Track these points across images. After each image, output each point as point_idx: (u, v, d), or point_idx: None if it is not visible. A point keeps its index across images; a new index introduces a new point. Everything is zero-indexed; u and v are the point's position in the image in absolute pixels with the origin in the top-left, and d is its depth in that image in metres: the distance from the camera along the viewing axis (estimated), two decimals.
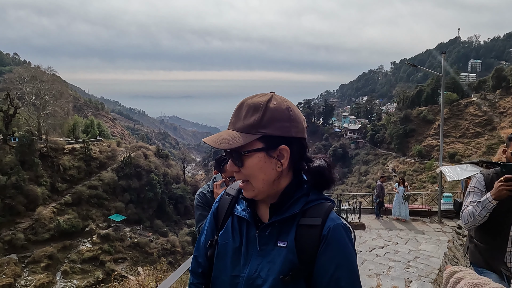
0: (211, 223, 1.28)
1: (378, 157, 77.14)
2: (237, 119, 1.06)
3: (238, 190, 1.23)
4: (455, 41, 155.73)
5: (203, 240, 1.28)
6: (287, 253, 1.06)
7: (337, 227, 1.05)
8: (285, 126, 1.05)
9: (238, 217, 1.18)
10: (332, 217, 1.07)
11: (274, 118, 1.04)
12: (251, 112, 1.04)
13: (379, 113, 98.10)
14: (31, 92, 40.85)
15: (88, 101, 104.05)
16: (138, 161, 45.32)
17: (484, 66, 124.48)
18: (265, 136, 1.03)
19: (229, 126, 1.08)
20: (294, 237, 1.06)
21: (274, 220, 1.09)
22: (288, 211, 1.09)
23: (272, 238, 1.10)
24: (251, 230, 1.14)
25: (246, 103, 1.06)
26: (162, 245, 38.77)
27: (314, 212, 1.08)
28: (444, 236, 10.47)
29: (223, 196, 1.28)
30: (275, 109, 1.04)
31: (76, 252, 33.81)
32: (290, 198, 1.10)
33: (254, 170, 1.05)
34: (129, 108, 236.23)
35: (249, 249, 1.12)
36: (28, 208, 34.32)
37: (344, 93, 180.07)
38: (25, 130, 37.66)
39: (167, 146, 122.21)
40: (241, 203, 1.21)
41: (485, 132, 64.45)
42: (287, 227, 1.09)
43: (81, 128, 49.14)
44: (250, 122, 1.03)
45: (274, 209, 1.10)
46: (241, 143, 1.01)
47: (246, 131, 1.03)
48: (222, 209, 1.24)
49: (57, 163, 39.30)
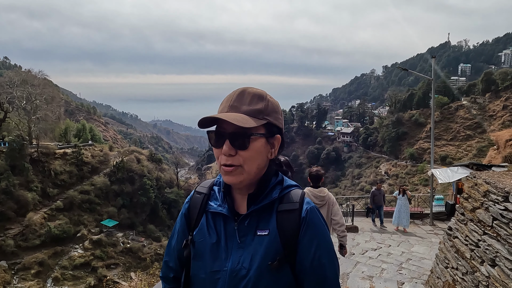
0: (183, 224, 1.28)
1: (371, 160, 77.69)
2: (240, 103, 1.09)
3: (209, 188, 1.27)
4: (445, 46, 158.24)
5: (174, 243, 1.29)
6: (270, 240, 1.10)
7: (313, 208, 1.14)
8: (279, 118, 1.16)
9: (213, 214, 1.20)
10: (307, 200, 1.16)
11: (273, 109, 1.14)
12: (256, 100, 1.11)
13: (372, 116, 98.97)
14: (22, 96, 40.35)
15: (80, 105, 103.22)
16: (131, 165, 44.97)
17: (474, 70, 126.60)
18: (268, 123, 1.11)
19: (229, 109, 1.09)
20: (275, 223, 1.11)
21: (253, 209, 1.13)
22: (266, 199, 1.14)
23: (251, 229, 1.13)
24: (229, 223, 1.16)
25: (248, 91, 1.12)
26: (155, 250, 38.38)
27: (290, 198, 1.15)
28: (436, 238, 10.56)
29: (194, 195, 1.29)
30: (272, 101, 1.15)
31: (68, 258, 33.31)
32: (266, 187, 1.15)
33: (256, 153, 1.09)
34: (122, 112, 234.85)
35: (229, 242, 1.14)
36: (18, 213, 33.76)
37: (337, 96, 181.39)
38: (15, 135, 37.11)
39: (160, 150, 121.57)
40: (214, 199, 1.23)
41: (475, 135, 65.37)
42: (266, 215, 1.14)
43: (73, 133, 48.63)
44: (258, 108, 1.09)
45: (251, 199, 1.14)
46: (253, 124, 1.05)
47: (254, 115, 1.08)
48: (194, 208, 1.25)
49: (48, 168, 38.80)
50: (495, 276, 3.34)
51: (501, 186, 3.46)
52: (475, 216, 3.94)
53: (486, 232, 3.65)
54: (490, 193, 3.65)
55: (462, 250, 4.16)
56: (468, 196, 4.26)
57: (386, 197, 14.80)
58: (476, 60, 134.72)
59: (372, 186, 64.33)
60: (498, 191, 3.47)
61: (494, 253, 3.43)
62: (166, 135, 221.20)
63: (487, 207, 3.69)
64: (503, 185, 3.50)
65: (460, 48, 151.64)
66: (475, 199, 4.02)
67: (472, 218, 4.01)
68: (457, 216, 4.53)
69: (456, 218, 4.57)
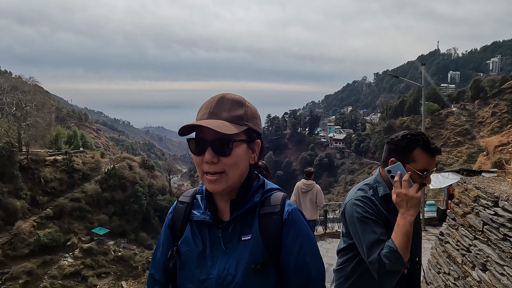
0: (167, 235, 1.27)
1: (363, 166, 78.20)
2: (220, 110, 1.09)
3: (192, 196, 1.27)
4: (435, 53, 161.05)
5: (159, 255, 1.28)
6: (253, 244, 1.11)
7: (294, 210, 1.15)
8: (258, 124, 1.17)
9: (197, 222, 1.20)
10: (288, 202, 1.17)
11: (252, 115, 1.15)
12: (236, 106, 1.11)
13: (364, 123, 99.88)
14: (12, 102, 39.84)
15: (71, 111, 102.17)
16: (123, 172, 44.52)
17: (463, 77, 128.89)
18: (249, 129, 1.11)
19: (209, 116, 1.08)
20: (258, 227, 1.12)
21: (236, 214, 1.13)
22: (248, 203, 1.14)
23: (235, 234, 1.13)
24: (213, 231, 1.16)
25: (227, 97, 1.12)
26: (147, 259, 37.85)
27: (271, 201, 1.16)
28: (428, 243, 10.61)
29: (177, 205, 1.28)
30: (252, 107, 1.16)
31: (57, 267, 32.64)
32: (248, 191, 1.15)
33: (238, 159, 1.09)
34: (114, 118, 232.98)
35: (214, 250, 1.14)
36: (7, 222, 33.08)
37: (329, 103, 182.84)
38: (4, 142, 36.53)
39: (153, 157, 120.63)
40: (197, 208, 1.22)
41: (465, 141, 66.36)
42: (249, 220, 1.14)
43: (64, 139, 48.03)
44: (238, 114, 1.10)
45: (234, 205, 1.14)
46: (235, 131, 1.05)
47: (234, 121, 1.08)
48: (177, 218, 1.24)
49: (38, 175, 38.20)
50: (486, 281, 3.37)
51: (491, 191, 3.52)
52: (466, 221, 3.98)
53: (477, 237, 3.69)
54: (480, 198, 3.70)
55: (454, 255, 4.20)
56: (459, 201, 4.31)
57: None
58: (465, 68, 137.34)
59: None
60: (488, 196, 3.52)
61: (485, 257, 3.46)
62: (159, 142, 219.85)
63: (477, 212, 3.73)
64: (493, 190, 3.55)
65: (450, 56, 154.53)
66: (466, 204, 4.06)
67: (463, 223, 4.06)
68: (448, 221, 4.58)
69: (447, 224, 4.61)
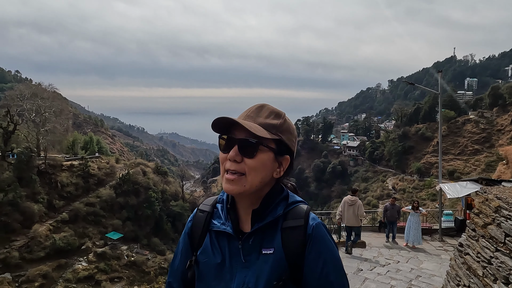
0: (186, 243, 1.25)
1: (377, 174, 77.02)
2: (258, 116, 1.12)
3: (212, 205, 1.25)
4: (451, 60, 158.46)
5: (177, 263, 1.26)
6: (275, 259, 1.08)
7: (319, 225, 1.11)
8: (293, 141, 1.16)
9: (216, 232, 1.17)
10: (312, 216, 1.13)
11: (288, 130, 1.14)
12: (274, 116, 1.13)
13: (378, 130, 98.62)
14: (31, 108, 41.03)
15: (88, 117, 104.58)
16: (137, 177, 45.08)
17: (480, 84, 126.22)
18: (280, 140, 1.11)
19: (245, 118, 1.11)
20: (280, 241, 1.09)
21: (257, 227, 1.11)
22: (270, 215, 1.12)
23: (256, 247, 1.11)
24: (233, 242, 1.13)
25: (267, 107, 1.15)
26: (159, 264, 38.04)
27: (294, 214, 1.13)
28: (446, 255, 10.33)
29: (197, 213, 1.26)
30: (290, 123, 1.17)
31: (72, 271, 33.12)
32: (271, 203, 1.13)
33: (260, 164, 1.08)
34: (129, 124, 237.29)
35: (233, 262, 1.12)
36: (24, 225, 33.83)
37: (342, 110, 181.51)
38: (24, 147, 37.58)
39: (166, 163, 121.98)
40: (217, 217, 1.20)
41: (483, 149, 64.68)
42: (270, 233, 1.11)
43: (80, 145, 49.07)
44: (273, 123, 1.11)
45: (256, 216, 1.12)
46: (266, 135, 1.06)
47: (268, 129, 1.09)
48: (197, 227, 1.22)
49: (55, 180, 39.04)
50: None
51: None
52: (487, 232, 3.85)
53: (499, 248, 3.56)
54: (501, 209, 3.58)
55: (474, 267, 4.06)
56: (479, 211, 4.18)
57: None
58: (483, 75, 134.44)
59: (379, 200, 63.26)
60: (510, 207, 3.41)
61: (507, 270, 3.33)
62: (172, 148, 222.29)
63: (499, 223, 3.61)
64: None
65: (466, 63, 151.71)
66: (486, 214, 3.94)
67: (484, 234, 3.93)
68: (467, 232, 4.44)
69: (467, 234, 4.48)
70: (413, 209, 11.85)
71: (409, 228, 11.72)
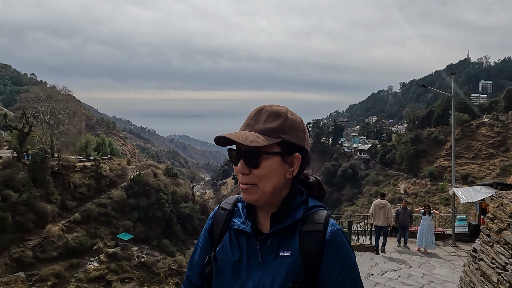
0: (206, 239, 1.27)
1: (389, 177, 76.06)
2: (256, 122, 1.11)
3: (234, 204, 1.27)
4: (464, 62, 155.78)
5: (197, 258, 1.28)
6: (292, 261, 1.08)
7: (337, 231, 1.11)
8: (300, 136, 1.13)
9: (236, 231, 1.19)
10: (331, 222, 1.13)
11: (293, 127, 1.11)
12: (272, 118, 1.10)
13: (389, 133, 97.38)
14: (46, 111, 41.92)
15: (101, 119, 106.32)
16: (148, 179, 45.53)
17: (495, 87, 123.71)
18: (284, 142, 1.09)
19: (245, 128, 1.12)
20: (298, 244, 1.09)
21: (275, 229, 1.12)
22: (289, 219, 1.12)
23: (273, 248, 1.12)
24: (251, 242, 1.15)
25: (265, 109, 1.12)
26: (169, 265, 38.29)
27: (314, 219, 1.13)
28: (459, 260, 10.13)
29: (218, 211, 1.29)
30: (293, 119, 1.13)
31: (83, 271, 33.59)
32: (290, 206, 1.14)
33: (269, 172, 1.08)
34: (140, 127, 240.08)
35: (250, 261, 1.13)
36: (38, 225, 34.51)
37: (353, 113, 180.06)
38: (38, 148, 38.40)
39: (177, 165, 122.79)
40: (238, 216, 1.22)
41: (498, 153, 63.32)
42: (289, 235, 1.12)
43: (93, 146, 49.88)
44: (272, 126, 1.09)
45: (275, 218, 1.13)
46: (264, 143, 1.05)
47: (267, 134, 1.08)
48: (217, 224, 1.25)
49: (68, 181, 39.74)
50: None
51: None
52: (502, 238, 3.77)
53: None
54: None
55: (489, 274, 3.97)
56: (493, 216, 4.10)
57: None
58: (498, 77, 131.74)
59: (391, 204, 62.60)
60: None
61: None
62: (183, 150, 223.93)
63: None
64: None
65: (481, 65, 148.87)
66: (501, 220, 3.85)
67: (499, 240, 3.84)
68: (482, 237, 4.35)
69: (481, 240, 4.39)
70: (424, 214, 11.67)
71: (421, 233, 11.52)
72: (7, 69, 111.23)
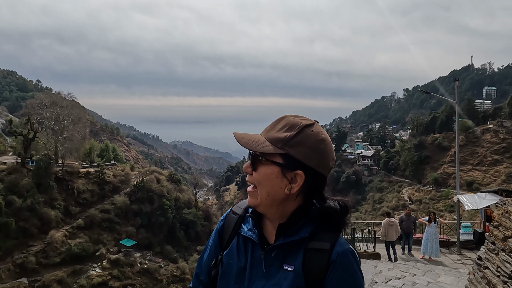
0: (216, 241, 1.28)
1: (393, 184, 75.59)
2: (271, 129, 1.12)
3: (245, 209, 1.26)
4: (468, 68, 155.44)
5: (206, 257, 1.28)
6: (294, 277, 1.06)
7: (345, 252, 1.06)
8: (309, 155, 1.07)
9: (244, 237, 1.19)
10: (340, 241, 1.09)
11: (303, 143, 1.07)
12: (286, 128, 1.08)
13: (393, 139, 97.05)
14: (51, 117, 42.25)
15: (105, 126, 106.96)
16: (151, 185, 45.57)
17: (499, 93, 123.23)
18: (287, 155, 1.06)
19: (263, 131, 1.14)
20: (302, 261, 1.06)
21: (281, 242, 1.10)
22: (297, 234, 1.10)
23: (278, 261, 1.10)
24: (256, 251, 1.14)
25: (286, 118, 1.12)
26: (171, 272, 38.12)
27: (322, 237, 1.09)
28: (464, 268, 10.02)
29: (229, 214, 1.29)
30: (309, 135, 1.08)
31: (86, 277, 33.51)
32: (298, 221, 1.12)
33: (263, 178, 1.08)
34: (144, 133, 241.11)
35: (253, 270, 1.12)
36: (41, 231, 34.56)
37: (356, 119, 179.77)
38: (42, 154, 38.63)
39: (180, 171, 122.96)
40: (247, 222, 1.22)
41: (503, 160, 62.82)
42: (294, 250, 1.10)
43: (97, 152, 50.08)
44: (281, 136, 1.08)
45: (281, 230, 1.11)
46: (263, 150, 1.06)
47: (274, 143, 1.07)
48: (227, 228, 1.25)
49: (72, 187, 39.87)
50: None
51: None
52: (507, 246, 3.73)
53: None
54: None
55: (494, 282, 3.92)
56: (498, 224, 4.06)
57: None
58: (502, 83, 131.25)
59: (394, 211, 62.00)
60: None
61: None
62: (186, 156, 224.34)
63: None
64: None
65: (484, 71, 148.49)
66: (507, 227, 3.82)
67: (504, 248, 3.80)
68: (487, 245, 4.31)
69: (486, 248, 4.34)
70: (430, 221, 11.57)
71: (426, 240, 11.43)
72: (13, 76, 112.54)
